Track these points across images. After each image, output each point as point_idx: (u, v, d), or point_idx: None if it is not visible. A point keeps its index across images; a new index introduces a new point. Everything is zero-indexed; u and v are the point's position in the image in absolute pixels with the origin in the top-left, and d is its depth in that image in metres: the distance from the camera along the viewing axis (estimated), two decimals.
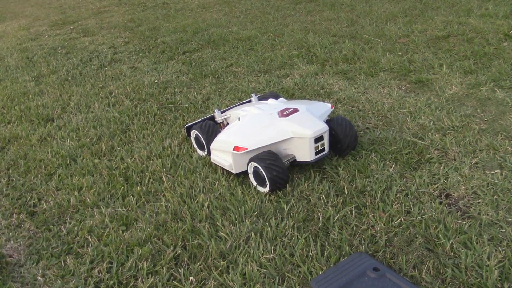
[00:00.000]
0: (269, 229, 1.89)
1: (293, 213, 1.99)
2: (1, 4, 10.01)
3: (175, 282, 1.68)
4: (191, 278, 1.69)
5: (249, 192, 2.19)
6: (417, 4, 5.17)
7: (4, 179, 2.64)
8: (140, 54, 4.77)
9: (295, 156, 2.29)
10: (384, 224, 1.85)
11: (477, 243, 1.68)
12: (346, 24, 4.81)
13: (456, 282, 1.53)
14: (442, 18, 4.53)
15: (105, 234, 2.01)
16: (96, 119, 3.31)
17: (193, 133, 2.66)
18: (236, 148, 2.26)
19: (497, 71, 3.21)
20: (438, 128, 2.60)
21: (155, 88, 3.77)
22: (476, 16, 4.46)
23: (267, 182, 2.14)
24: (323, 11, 5.48)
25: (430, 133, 2.54)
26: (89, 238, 2.00)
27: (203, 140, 2.55)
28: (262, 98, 2.85)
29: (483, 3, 4.84)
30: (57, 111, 3.55)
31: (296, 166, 2.35)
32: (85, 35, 5.94)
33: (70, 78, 4.33)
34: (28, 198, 2.40)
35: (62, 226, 2.12)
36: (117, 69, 4.39)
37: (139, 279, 1.71)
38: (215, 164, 2.47)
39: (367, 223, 1.88)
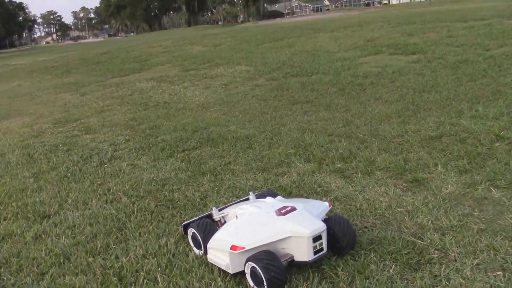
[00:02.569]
0: None
1: None
2: (6, 102, 10.36)
3: None
4: None
5: None
6: (409, 105, 5.37)
7: None
8: (140, 152, 4.86)
9: (293, 256, 2.25)
10: None
11: None
12: (341, 124, 4.96)
13: None
14: (434, 119, 4.69)
15: None
16: (93, 216, 3.29)
17: (190, 231, 2.63)
18: (233, 247, 2.23)
19: (492, 171, 3.26)
20: (436, 228, 2.58)
21: (154, 185, 3.79)
22: (467, 117, 4.62)
23: (265, 283, 2.09)
24: (319, 111, 5.68)
25: (429, 233, 2.53)
26: None
27: (200, 238, 2.52)
28: (259, 196, 2.86)
29: (473, 105, 5.03)
30: (54, 208, 3.53)
31: (294, 266, 2.30)
32: (87, 132, 6.08)
33: (69, 174, 4.37)
34: None
35: None
36: (117, 166, 4.44)
37: None
38: (212, 264, 2.42)
39: None
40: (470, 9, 19.53)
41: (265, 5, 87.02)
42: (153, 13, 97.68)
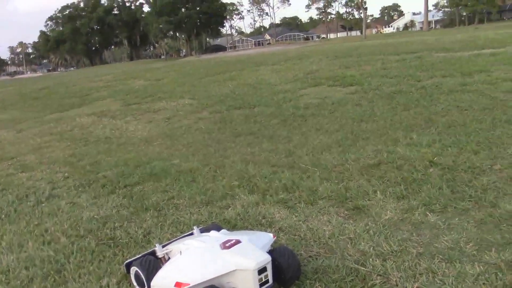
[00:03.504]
0: None
1: None
2: None
3: None
4: None
5: None
6: (349, 135, 5.55)
7: None
8: (80, 189, 4.70)
9: None
10: None
11: None
12: (284, 155, 5.03)
13: None
14: (373, 147, 4.86)
15: None
16: (29, 259, 3.12)
17: (133, 269, 2.55)
18: (177, 284, 2.18)
19: (427, 196, 3.41)
20: (378, 254, 2.65)
21: (94, 224, 3.66)
22: (403, 145, 4.82)
23: None
24: (262, 142, 5.75)
25: (371, 259, 2.58)
26: None
27: (143, 277, 2.45)
28: (204, 230, 2.83)
29: (408, 133, 5.26)
30: None
31: None
32: (23, 170, 5.82)
33: (3, 216, 4.14)
34: None
35: None
36: (55, 205, 4.27)
37: None
38: None
39: None
40: (401, 43, 20.65)
41: (207, 39, 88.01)
42: (94, 48, 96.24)
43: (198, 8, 73.17)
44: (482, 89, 7.23)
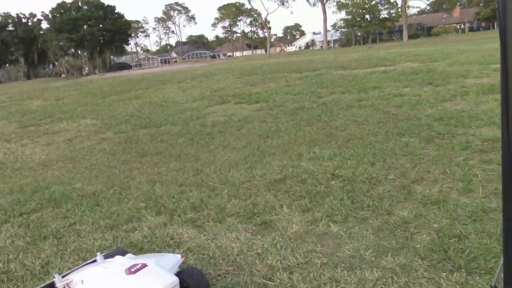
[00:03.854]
0: None
1: None
2: None
3: None
4: None
5: None
6: (255, 151, 5.65)
7: None
8: None
9: None
10: None
11: None
12: (192, 173, 5.00)
13: None
14: (278, 163, 4.99)
15: None
16: None
17: None
18: None
19: (330, 207, 3.56)
20: (285, 267, 2.71)
21: None
22: (306, 159, 5.00)
23: None
24: (169, 162, 5.67)
25: (278, 273, 2.63)
26: None
27: None
28: (108, 256, 2.71)
29: (311, 147, 5.47)
30: None
31: None
32: None
33: None
34: None
35: None
36: None
37: None
38: None
39: None
40: (303, 61, 21.57)
41: (111, 57, 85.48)
42: None
43: (101, 25, 70.94)
44: (376, 104, 7.75)
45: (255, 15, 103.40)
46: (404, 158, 4.61)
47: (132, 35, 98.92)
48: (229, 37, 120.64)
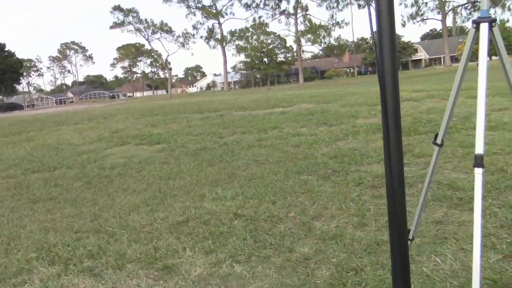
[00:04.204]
0: None
1: None
2: None
3: None
4: None
5: None
6: (157, 193, 5.54)
7: None
8: None
9: None
10: None
11: None
12: (89, 219, 4.76)
13: None
14: (181, 204, 4.92)
15: None
16: None
17: None
18: None
19: (233, 248, 3.56)
20: None
21: None
22: (209, 200, 4.99)
23: None
24: (64, 208, 5.35)
25: None
26: None
27: None
28: None
29: (213, 188, 5.49)
30: None
31: None
32: None
33: None
34: None
35: None
36: None
37: None
38: None
39: None
40: (205, 102, 21.81)
41: (1, 97, 79.93)
42: None
43: None
44: (275, 144, 8.02)
45: (155, 56, 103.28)
46: (303, 196, 4.79)
47: (24, 74, 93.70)
48: (129, 78, 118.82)
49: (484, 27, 1.92)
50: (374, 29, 1.48)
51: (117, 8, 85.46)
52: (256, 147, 7.89)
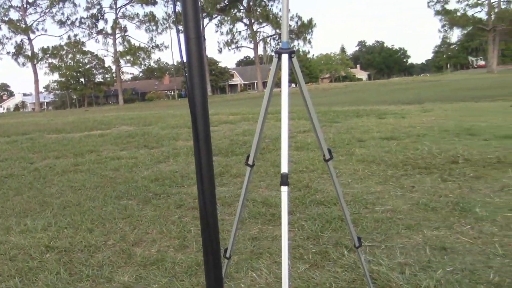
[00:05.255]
0: None
1: None
2: None
3: None
4: None
5: None
6: None
7: None
8: None
9: None
10: None
11: None
12: None
13: None
14: None
15: None
16: None
17: None
18: None
19: (44, 284, 3.27)
20: None
21: None
22: (16, 232, 4.51)
23: None
24: None
25: None
26: None
27: None
28: None
29: (21, 219, 4.97)
30: None
31: None
32: None
33: None
34: None
35: None
36: None
37: None
38: None
39: None
40: (12, 124, 19.76)
41: None
42: None
43: None
44: (93, 168, 7.65)
45: None
46: (123, 221, 4.64)
47: None
48: None
49: (285, 57, 2.14)
50: (184, 57, 1.54)
51: None
52: (71, 172, 7.41)
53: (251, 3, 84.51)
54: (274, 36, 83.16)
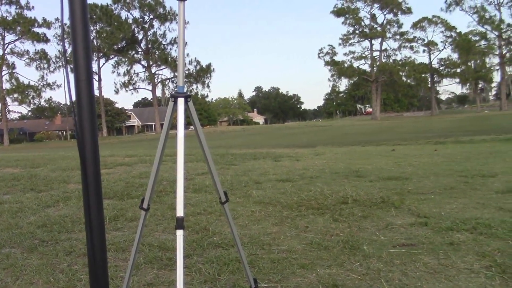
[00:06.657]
0: None
1: None
2: None
3: None
4: None
5: None
6: None
7: None
8: None
9: None
10: None
11: None
12: None
13: None
14: None
15: None
16: None
17: None
18: None
19: None
20: None
21: None
22: None
23: None
24: None
25: None
26: None
27: None
28: None
29: None
30: None
31: None
32: None
33: None
34: None
35: None
36: None
37: None
38: None
39: None
40: None
41: None
42: None
43: None
44: None
45: None
46: (5, 272, 4.24)
47: None
48: None
49: (180, 101, 2.18)
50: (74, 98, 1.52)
51: None
52: None
53: (149, 46, 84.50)
54: (173, 79, 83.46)
